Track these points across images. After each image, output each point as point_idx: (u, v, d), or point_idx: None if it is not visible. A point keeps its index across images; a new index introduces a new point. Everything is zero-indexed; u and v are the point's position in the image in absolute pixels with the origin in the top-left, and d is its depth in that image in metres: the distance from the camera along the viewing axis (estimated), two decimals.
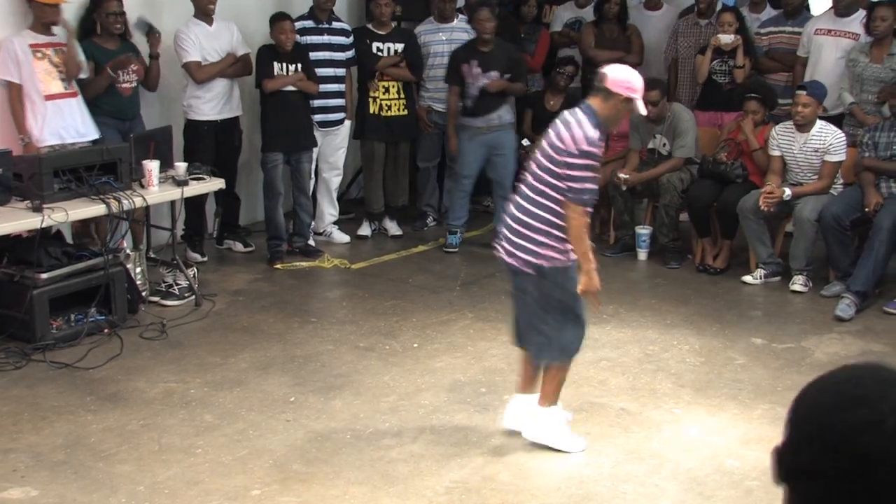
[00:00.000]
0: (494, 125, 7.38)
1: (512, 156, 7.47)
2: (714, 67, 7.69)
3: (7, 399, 4.76)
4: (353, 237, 7.76)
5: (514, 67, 7.42)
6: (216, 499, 3.84)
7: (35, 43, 6.11)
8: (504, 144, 7.44)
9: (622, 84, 4.05)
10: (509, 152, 7.45)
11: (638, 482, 4.01)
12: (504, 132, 7.47)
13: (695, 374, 5.16)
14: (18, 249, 5.53)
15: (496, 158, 7.43)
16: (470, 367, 5.25)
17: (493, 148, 7.41)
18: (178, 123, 7.03)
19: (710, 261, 7.06)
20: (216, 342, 5.59)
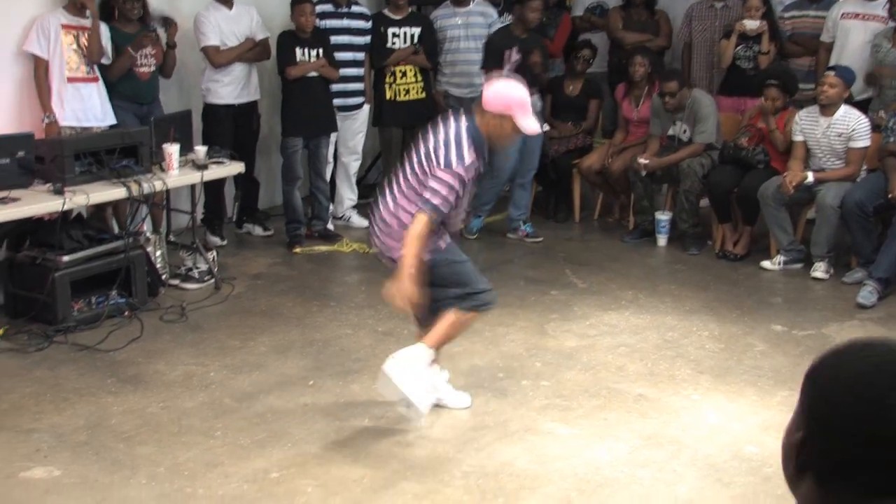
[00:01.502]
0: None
1: (539, 145, 7.42)
2: (738, 53, 7.61)
3: (30, 380, 4.80)
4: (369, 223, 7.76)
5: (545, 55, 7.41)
6: (235, 481, 3.86)
7: (67, 24, 6.16)
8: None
9: (496, 100, 3.99)
10: (537, 141, 7.37)
11: (656, 468, 4.01)
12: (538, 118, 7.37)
13: (714, 361, 5.15)
14: (40, 232, 5.57)
15: (524, 147, 7.30)
16: (487, 352, 5.25)
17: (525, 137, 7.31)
18: (198, 107, 7.06)
19: (731, 247, 7.03)
20: (235, 325, 5.62)
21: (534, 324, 5.67)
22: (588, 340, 5.42)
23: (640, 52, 7.75)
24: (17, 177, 5.41)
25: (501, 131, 4.00)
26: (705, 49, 8.04)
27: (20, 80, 6.29)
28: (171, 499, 3.73)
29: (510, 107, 3.95)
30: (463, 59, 7.84)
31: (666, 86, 7.13)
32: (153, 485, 3.82)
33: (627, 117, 7.79)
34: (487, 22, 7.88)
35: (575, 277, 6.57)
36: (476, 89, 7.87)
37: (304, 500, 3.74)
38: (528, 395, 4.70)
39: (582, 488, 3.84)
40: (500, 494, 3.78)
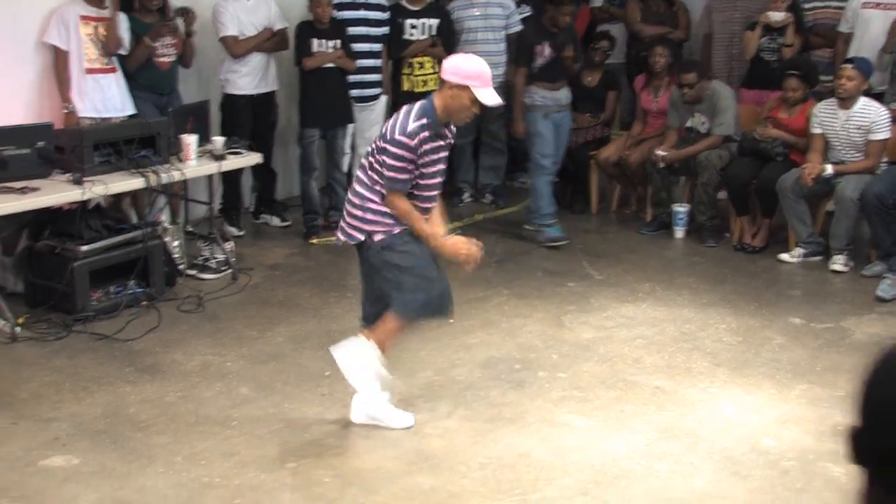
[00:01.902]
0: (563, 104, 7.23)
1: (565, 140, 7.37)
2: (763, 45, 7.55)
3: (49, 369, 4.83)
4: None
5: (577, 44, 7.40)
6: (251, 471, 3.87)
7: (86, 15, 6.19)
8: (566, 125, 7.32)
9: (453, 71, 3.94)
10: (566, 134, 7.35)
11: (673, 460, 4.00)
12: (568, 113, 7.34)
13: (731, 353, 5.13)
14: (60, 222, 5.59)
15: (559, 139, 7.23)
16: (504, 343, 5.25)
17: (558, 128, 7.23)
18: (216, 98, 7.07)
19: (749, 239, 7.00)
20: (253, 316, 5.63)
21: (551, 315, 5.66)
22: (605, 332, 5.41)
23: (661, 42, 7.72)
24: (36, 167, 5.44)
25: (460, 103, 3.94)
26: (725, 41, 7.99)
27: (40, 70, 6.32)
28: (188, 488, 3.75)
29: (468, 78, 3.92)
30: (481, 50, 7.77)
31: (684, 77, 7.09)
32: (170, 474, 3.84)
33: (646, 108, 7.76)
34: (506, 13, 7.86)
35: (592, 269, 6.56)
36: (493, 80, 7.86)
37: (320, 490, 3.75)
38: (545, 386, 4.70)
39: (599, 480, 3.84)
40: (517, 486, 3.79)
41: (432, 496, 3.71)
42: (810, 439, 4.17)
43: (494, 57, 7.82)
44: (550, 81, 7.08)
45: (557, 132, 7.18)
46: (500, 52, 7.86)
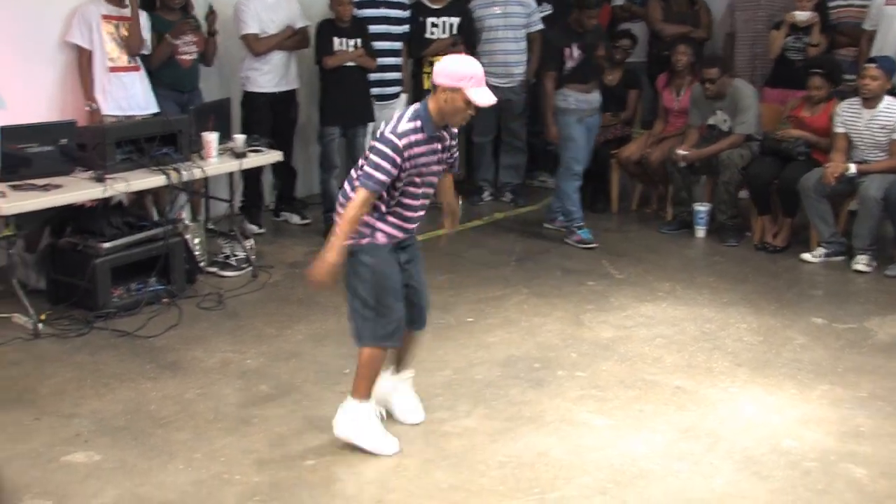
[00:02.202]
0: (595, 107, 7.14)
1: (592, 142, 7.30)
2: (788, 44, 7.50)
3: (71, 365, 4.86)
4: None
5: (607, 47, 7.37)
6: (271, 468, 3.88)
7: (107, 14, 6.23)
8: (595, 128, 7.24)
9: (444, 74, 3.83)
10: (595, 133, 7.28)
11: (692, 460, 3.98)
12: (598, 115, 7.25)
13: (752, 353, 5.10)
14: (82, 219, 5.63)
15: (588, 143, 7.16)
16: (524, 342, 5.24)
17: (589, 131, 7.14)
18: (237, 96, 7.09)
19: (770, 239, 6.96)
20: (272, 313, 5.65)
21: (570, 314, 5.65)
22: (624, 331, 5.39)
23: (683, 41, 7.69)
24: (59, 164, 5.48)
25: (454, 106, 3.83)
26: (748, 40, 7.94)
27: (63, 69, 6.37)
28: (208, 485, 3.76)
29: (460, 79, 3.81)
30: (501, 49, 7.82)
31: (707, 72, 7.05)
32: (190, 471, 3.86)
33: (668, 107, 7.73)
34: (526, 12, 7.85)
35: (612, 268, 6.54)
36: (514, 79, 7.88)
37: (338, 487, 3.76)
38: (564, 385, 4.69)
39: (618, 479, 3.82)
40: (536, 485, 3.78)
41: (451, 494, 3.71)
42: (832, 440, 4.14)
43: (515, 56, 7.84)
44: (583, 83, 6.95)
45: (588, 135, 7.13)
46: (521, 50, 7.86)
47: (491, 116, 8.04)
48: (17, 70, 6.10)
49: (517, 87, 7.93)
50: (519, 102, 8.02)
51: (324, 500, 3.67)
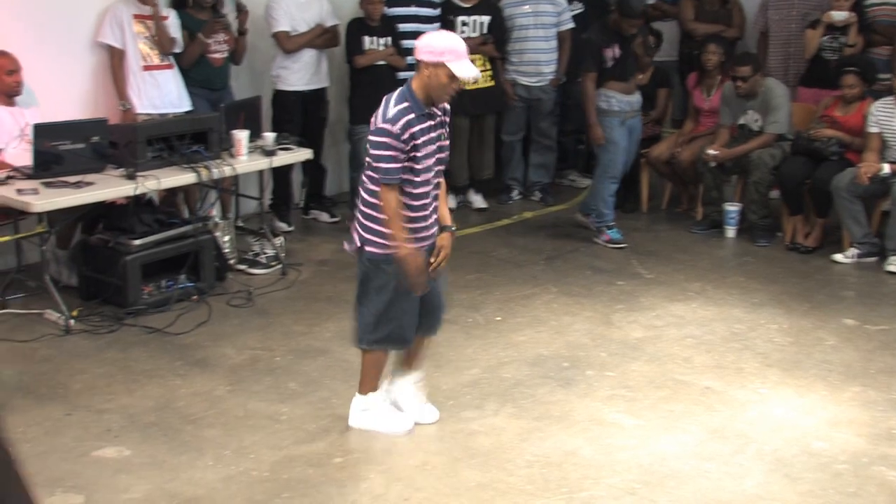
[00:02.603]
0: (637, 108, 7.05)
1: (638, 139, 7.23)
2: (823, 44, 7.43)
3: (102, 361, 4.90)
4: None
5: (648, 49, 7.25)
6: (299, 465, 3.90)
7: (138, 13, 6.28)
8: (637, 129, 7.15)
9: (426, 50, 3.83)
10: (639, 135, 7.21)
11: (722, 461, 3.96)
12: (640, 117, 7.15)
13: (783, 354, 5.06)
14: (113, 216, 5.67)
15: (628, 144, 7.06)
16: (553, 341, 5.23)
17: (631, 133, 7.06)
18: (267, 94, 7.12)
19: (802, 239, 6.90)
20: (301, 311, 5.66)
21: (599, 314, 5.63)
22: (654, 331, 5.36)
23: (713, 40, 7.64)
24: (91, 161, 5.52)
25: (438, 82, 3.81)
26: (781, 39, 7.88)
27: (95, 68, 6.43)
28: (237, 481, 3.78)
29: (442, 53, 3.80)
30: (531, 47, 7.80)
31: (739, 69, 6.99)
32: (219, 467, 3.88)
33: (698, 107, 7.68)
34: (557, 10, 7.82)
35: (642, 268, 6.51)
36: (544, 78, 7.86)
37: (366, 485, 3.76)
38: (593, 385, 4.68)
39: (647, 480, 3.81)
40: (564, 484, 3.77)
41: (479, 493, 3.71)
42: (863, 442, 4.10)
43: (546, 54, 7.82)
44: (623, 80, 6.86)
45: (630, 137, 7.05)
46: (552, 49, 7.85)
47: (520, 115, 8.04)
48: (50, 68, 6.16)
49: (547, 86, 7.91)
50: (549, 101, 8.00)
51: (352, 497, 3.68)
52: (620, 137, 6.90)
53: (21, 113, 5.79)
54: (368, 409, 4.19)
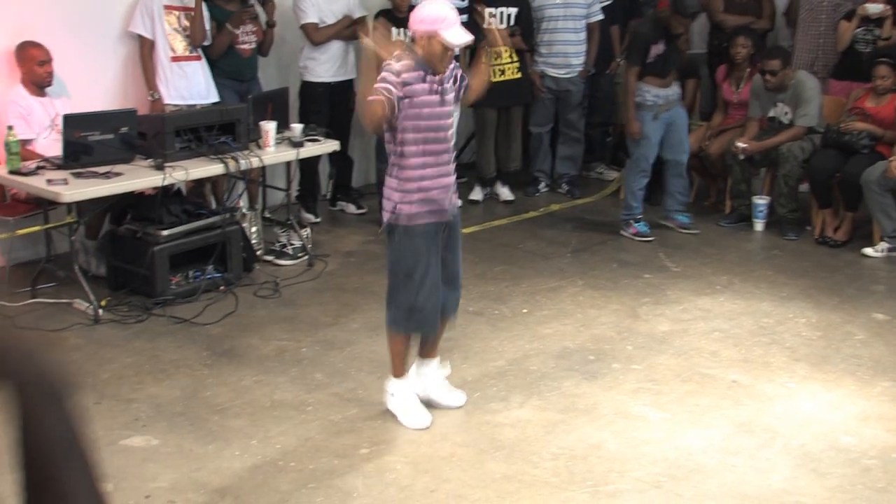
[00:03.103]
0: (673, 100, 6.94)
1: (684, 130, 7.08)
2: (857, 36, 7.35)
3: (130, 351, 4.94)
4: (464, 202, 7.75)
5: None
6: (325, 455, 3.91)
7: (169, 4, 6.31)
8: (679, 120, 6.99)
9: (418, 21, 3.92)
10: (685, 125, 7.05)
11: (748, 455, 3.94)
12: (678, 108, 7.01)
13: (811, 349, 5.03)
14: (141, 207, 5.70)
15: (673, 135, 6.96)
16: (579, 334, 5.21)
17: (671, 125, 6.94)
18: (295, 85, 7.13)
19: (831, 233, 6.85)
20: (328, 302, 5.68)
21: (626, 307, 5.61)
22: (681, 325, 5.34)
23: (743, 32, 7.57)
24: (120, 152, 5.56)
25: (431, 51, 3.90)
26: (812, 30, 7.80)
27: (125, 59, 6.48)
28: (263, 471, 3.80)
29: (433, 22, 3.88)
30: (561, 39, 7.77)
31: (768, 63, 6.93)
32: (245, 457, 3.90)
33: (727, 99, 7.62)
34: (587, 2, 7.78)
35: (669, 261, 6.48)
36: (573, 70, 7.83)
37: (392, 476, 3.77)
38: (619, 378, 4.66)
39: (672, 473, 3.79)
40: (589, 477, 3.76)
41: (504, 485, 3.71)
42: (893, 437, 4.07)
43: (574, 46, 7.78)
44: (661, 77, 6.82)
45: (672, 129, 6.93)
46: (581, 41, 7.81)
47: (549, 107, 8.01)
48: (81, 59, 6.20)
49: (576, 78, 7.88)
50: (577, 93, 7.97)
51: (377, 488, 3.69)
52: (652, 132, 6.85)
53: (52, 103, 5.84)
54: (395, 394, 4.26)
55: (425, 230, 4.03)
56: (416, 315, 4.09)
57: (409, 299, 4.07)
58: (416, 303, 4.06)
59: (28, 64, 5.78)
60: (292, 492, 3.66)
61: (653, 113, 6.83)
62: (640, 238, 6.92)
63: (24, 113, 5.71)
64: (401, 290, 4.09)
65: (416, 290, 4.04)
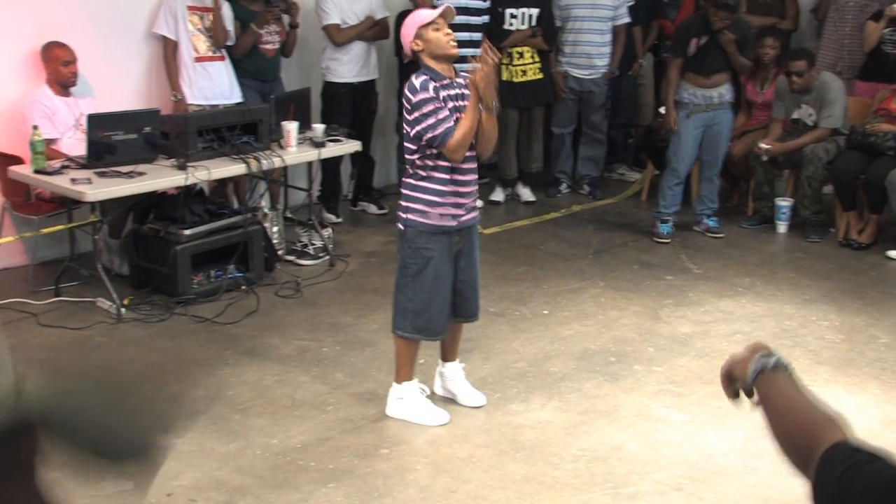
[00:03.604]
0: (714, 103, 6.82)
1: (726, 135, 7.00)
2: (884, 36, 7.29)
3: (152, 349, 4.96)
4: (485, 202, 7.75)
5: (745, 42, 6.84)
6: (346, 455, 3.92)
7: (192, 5, 6.35)
8: (718, 126, 6.89)
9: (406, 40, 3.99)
10: (720, 133, 6.93)
11: (770, 459, 3.91)
12: (722, 112, 6.88)
13: (834, 352, 5.00)
14: (164, 206, 5.73)
15: (709, 138, 6.90)
16: (600, 335, 5.20)
17: (710, 127, 6.86)
18: (317, 85, 7.15)
19: (855, 235, 6.80)
20: (349, 302, 5.69)
21: (647, 308, 5.59)
22: (703, 327, 5.32)
23: (771, 33, 7.50)
24: (143, 152, 5.59)
25: (435, 42, 3.94)
26: (836, 33, 7.75)
27: (149, 60, 6.51)
28: (284, 470, 3.81)
29: (415, 26, 3.96)
30: (586, 39, 7.74)
31: (794, 64, 6.88)
32: (267, 456, 3.91)
33: (751, 100, 7.58)
34: (615, 4, 7.75)
35: (690, 263, 6.46)
36: (597, 71, 7.80)
37: (412, 477, 3.77)
38: (641, 380, 4.65)
39: (694, 476, 3.78)
40: (610, 479, 3.75)
41: (524, 486, 3.70)
42: None
43: (598, 48, 7.75)
44: (702, 74, 6.74)
45: (709, 131, 6.87)
46: (606, 42, 7.78)
47: (571, 108, 7.99)
48: (105, 60, 6.24)
49: (599, 79, 7.85)
50: (600, 94, 7.94)
51: (397, 488, 3.69)
52: (684, 130, 6.80)
53: (76, 103, 5.89)
54: (403, 398, 4.25)
55: (440, 232, 4.04)
56: (422, 318, 4.09)
57: (418, 300, 4.08)
58: (422, 306, 4.07)
59: (53, 64, 5.82)
60: (313, 491, 3.67)
61: (686, 111, 6.79)
62: (655, 238, 6.89)
63: (48, 113, 5.75)
64: (407, 292, 4.09)
65: (425, 292, 4.06)
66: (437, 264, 4.04)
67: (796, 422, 1.42)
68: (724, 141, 6.98)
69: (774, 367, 1.52)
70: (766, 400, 1.50)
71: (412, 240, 4.05)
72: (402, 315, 4.14)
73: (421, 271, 4.05)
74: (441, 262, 4.05)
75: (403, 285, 4.12)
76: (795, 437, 1.40)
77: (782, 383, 1.49)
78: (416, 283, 4.06)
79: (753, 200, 7.40)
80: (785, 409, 1.46)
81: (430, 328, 4.14)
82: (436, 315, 4.11)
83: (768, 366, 1.53)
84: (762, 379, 1.52)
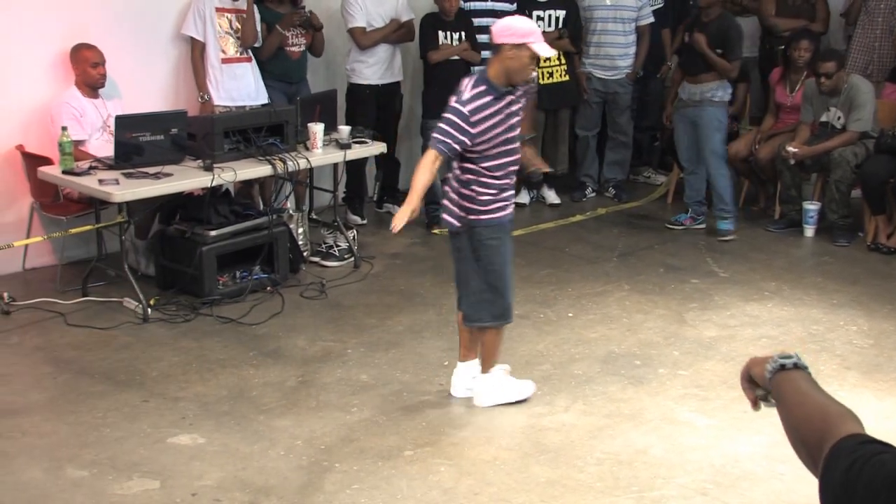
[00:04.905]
0: (697, 99, 6.96)
1: (709, 131, 6.99)
2: None
3: (177, 350, 4.98)
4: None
5: (726, 43, 6.89)
6: (370, 457, 3.92)
7: (221, 7, 6.38)
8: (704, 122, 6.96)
9: (508, 33, 4.02)
10: (707, 127, 6.97)
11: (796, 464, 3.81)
12: (702, 110, 6.97)
13: (862, 357, 4.95)
14: (190, 207, 5.76)
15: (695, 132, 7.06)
16: (625, 338, 5.18)
17: (694, 123, 7.02)
18: (342, 87, 7.16)
19: (884, 239, 6.73)
20: (373, 304, 5.69)
21: (673, 312, 5.57)
22: (728, 331, 5.29)
23: (806, 35, 7.42)
24: (170, 153, 5.61)
25: (519, 63, 4.01)
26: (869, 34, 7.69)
27: (176, 61, 6.55)
28: (308, 471, 3.81)
29: (525, 35, 4.01)
30: (609, 41, 7.73)
31: (823, 66, 6.82)
32: (291, 457, 3.92)
33: (780, 103, 7.52)
34: (638, 5, 7.73)
35: (716, 266, 6.42)
36: (620, 71, 7.79)
37: (436, 478, 3.77)
38: (665, 383, 4.63)
39: (719, 480, 3.76)
40: (634, 483, 3.74)
41: (548, 489, 3.69)
42: None
43: (621, 48, 7.74)
44: (687, 73, 7.11)
45: (692, 129, 7.11)
46: (629, 43, 7.76)
47: (596, 110, 7.97)
48: (133, 61, 6.29)
49: (624, 80, 7.83)
50: (626, 95, 7.92)
51: (421, 490, 3.69)
52: (676, 124, 7.25)
53: (104, 105, 5.93)
54: (495, 384, 4.38)
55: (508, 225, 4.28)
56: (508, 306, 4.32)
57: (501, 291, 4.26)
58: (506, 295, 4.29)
59: (82, 65, 5.86)
60: (336, 493, 3.67)
61: (679, 106, 7.20)
62: (720, 238, 6.95)
63: (77, 114, 5.80)
64: (496, 286, 4.24)
65: (506, 282, 4.27)
66: (505, 245, 4.25)
67: (809, 415, 1.41)
68: (707, 136, 7.04)
69: (792, 367, 1.51)
70: (781, 397, 1.50)
71: (479, 234, 4.18)
72: (480, 307, 4.27)
73: (490, 261, 4.21)
74: (507, 242, 4.27)
75: (475, 277, 4.24)
76: (807, 430, 1.39)
77: (799, 381, 1.48)
78: (489, 272, 4.21)
79: (780, 204, 7.35)
80: (799, 403, 1.45)
81: (509, 312, 4.34)
82: (509, 293, 4.32)
83: (786, 365, 1.52)
84: (779, 377, 1.51)
